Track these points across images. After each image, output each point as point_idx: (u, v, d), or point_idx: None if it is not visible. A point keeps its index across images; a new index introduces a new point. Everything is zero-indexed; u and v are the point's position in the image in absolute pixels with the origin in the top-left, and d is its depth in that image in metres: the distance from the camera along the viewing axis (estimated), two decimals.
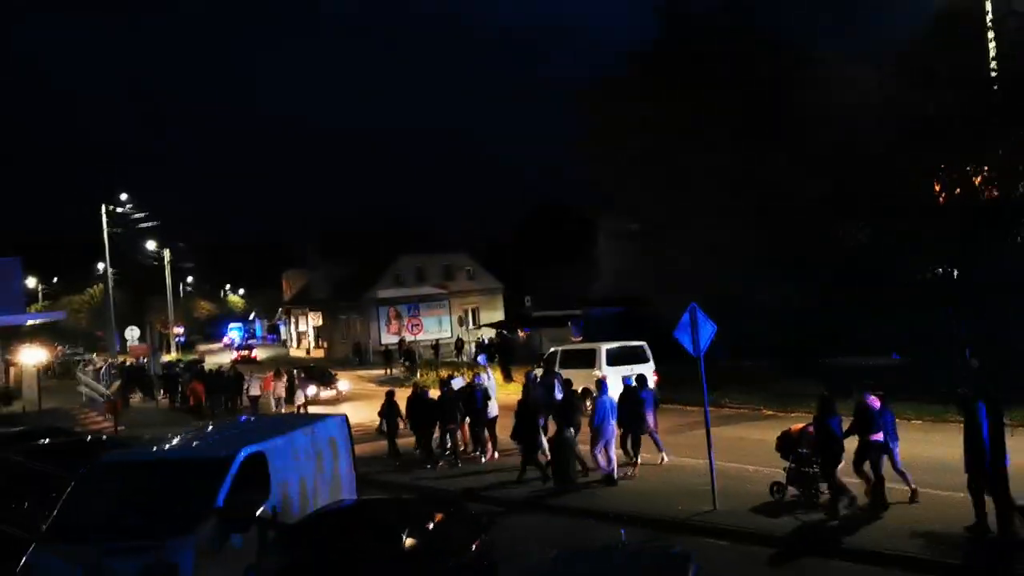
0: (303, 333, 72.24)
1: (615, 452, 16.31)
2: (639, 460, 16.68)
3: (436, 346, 51.50)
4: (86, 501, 9.84)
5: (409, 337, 46.88)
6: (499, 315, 59.76)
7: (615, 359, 25.07)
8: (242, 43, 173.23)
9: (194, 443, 11.27)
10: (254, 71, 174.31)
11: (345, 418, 13.13)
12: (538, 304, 55.29)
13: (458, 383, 20.70)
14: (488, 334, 51.08)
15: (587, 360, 25.30)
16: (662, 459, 17.15)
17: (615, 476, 15.90)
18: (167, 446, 11.24)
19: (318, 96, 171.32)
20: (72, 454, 13.34)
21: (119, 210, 47.03)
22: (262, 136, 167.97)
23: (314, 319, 69.32)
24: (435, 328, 58.38)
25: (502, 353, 38.76)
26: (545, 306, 52.59)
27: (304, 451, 11.39)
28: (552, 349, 29.86)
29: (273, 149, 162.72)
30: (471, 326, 59.53)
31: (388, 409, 20.29)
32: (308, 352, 66.34)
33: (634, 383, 17.14)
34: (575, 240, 54.96)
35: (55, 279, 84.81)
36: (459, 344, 51.41)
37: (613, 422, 16.13)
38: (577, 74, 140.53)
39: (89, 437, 19.15)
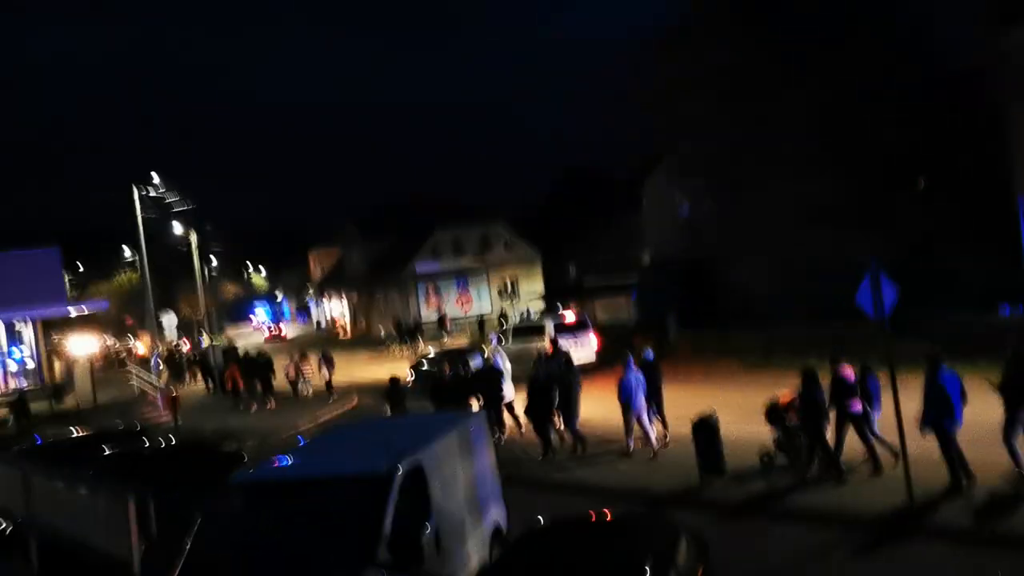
0: (338, 312, 70.63)
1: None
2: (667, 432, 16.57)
3: (481, 321, 49.73)
4: (221, 537, 8.17)
5: (459, 312, 45.18)
6: (538, 285, 57.85)
7: (560, 332, 27.12)
8: (243, 43, 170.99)
9: (336, 453, 9.49)
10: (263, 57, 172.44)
11: (483, 415, 11.48)
12: (581, 272, 53.26)
13: (476, 363, 20.21)
14: (536, 306, 49.17)
15: (537, 333, 27.82)
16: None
17: (655, 448, 15.83)
18: (304, 458, 9.40)
19: (329, 76, 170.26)
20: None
21: (150, 193, 45.19)
22: (286, 118, 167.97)
23: (349, 297, 67.68)
24: (476, 301, 56.69)
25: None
26: (587, 273, 50.61)
27: (457, 458, 9.69)
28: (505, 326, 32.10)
29: (297, 133, 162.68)
30: (513, 298, 57.53)
31: (392, 392, 18.99)
32: (346, 331, 64.79)
33: (653, 357, 17.04)
34: (613, 203, 52.65)
35: (79, 269, 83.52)
36: (503, 318, 49.44)
37: (641, 396, 16.03)
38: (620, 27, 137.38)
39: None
